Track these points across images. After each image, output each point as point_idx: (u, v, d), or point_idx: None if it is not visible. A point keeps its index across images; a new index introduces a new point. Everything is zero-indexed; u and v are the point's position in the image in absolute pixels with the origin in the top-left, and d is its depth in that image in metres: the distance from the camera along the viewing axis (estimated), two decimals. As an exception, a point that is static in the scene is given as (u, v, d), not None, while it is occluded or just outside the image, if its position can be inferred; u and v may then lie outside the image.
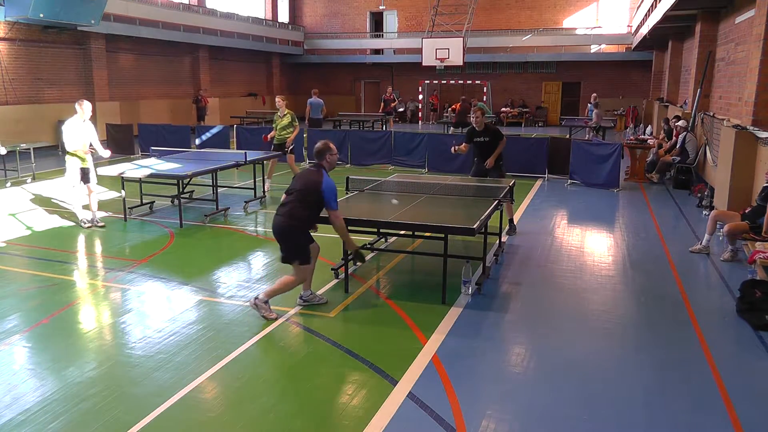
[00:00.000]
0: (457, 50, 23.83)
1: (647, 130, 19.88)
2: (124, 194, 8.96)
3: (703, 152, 11.54)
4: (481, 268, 6.39)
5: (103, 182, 11.56)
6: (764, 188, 6.94)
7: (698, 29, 13.85)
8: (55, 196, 10.77)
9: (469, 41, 25.33)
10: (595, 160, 11.93)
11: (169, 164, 9.50)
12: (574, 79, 28.74)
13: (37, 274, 6.57)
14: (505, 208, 7.81)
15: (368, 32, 31.78)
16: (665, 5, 13.73)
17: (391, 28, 31.73)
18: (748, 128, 8.48)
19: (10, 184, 11.94)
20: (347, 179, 7.10)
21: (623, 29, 27.32)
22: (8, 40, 16.78)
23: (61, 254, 7.36)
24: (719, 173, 9.47)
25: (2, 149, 11.75)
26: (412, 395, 4.03)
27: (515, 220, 9.08)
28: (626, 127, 22.14)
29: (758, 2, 8.55)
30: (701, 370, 4.48)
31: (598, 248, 7.78)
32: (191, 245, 7.84)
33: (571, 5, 28.74)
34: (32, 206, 9.95)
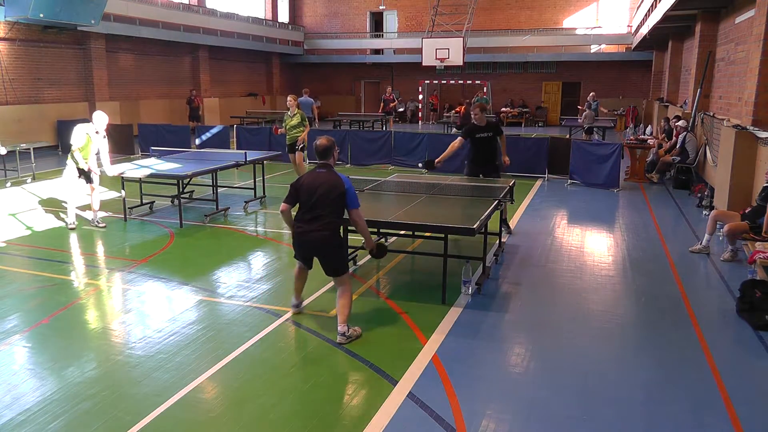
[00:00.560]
0: (457, 50, 23.83)
1: (647, 130, 19.87)
2: (124, 194, 8.96)
3: (703, 152, 11.54)
4: (481, 268, 6.40)
5: (103, 182, 11.54)
6: (764, 188, 6.94)
7: (698, 29, 13.85)
8: (55, 196, 10.76)
9: (469, 41, 25.33)
10: (595, 160, 11.93)
11: (169, 164, 9.50)
12: (574, 79, 28.74)
13: (37, 274, 6.57)
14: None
15: (368, 32, 31.78)
16: (665, 5, 13.73)
17: (391, 28, 31.73)
18: (748, 128, 8.48)
19: (10, 184, 11.94)
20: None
21: (623, 29, 27.33)
22: (8, 40, 16.78)
23: (61, 254, 7.36)
24: (719, 173, 9.47)
25: (2, 149, 11.75)
26: (412, 395, 4.03)
27: (515, 220, 9.10)
28: (626, 127, 22.13)
29: (758, 2, 8.55)
30: (701, 370, 4.48)
31: (598, 248, 7.78)
32: (191, 245, 7.84)
33: (571, 5, 28.74)
34: (32, 206, 9.95)
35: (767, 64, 8.35)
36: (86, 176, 8.34)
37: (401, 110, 29.17)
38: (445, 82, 28.21)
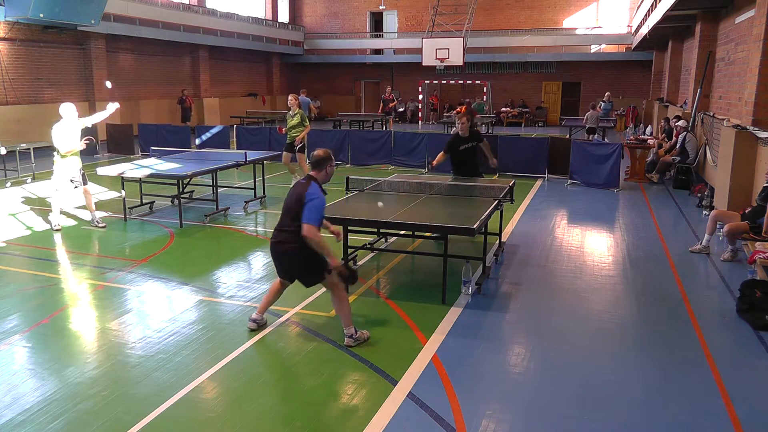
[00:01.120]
0: (457, 50, 23.84)
1: (647, 130, 19.86)
2: (124, 194, 8.96)
3: (703, 152, 11.54)
4: (481, 268, 6.39)
5: (103, 182, 11.59)
6: (764, 188, 6.94)
7: (698, 29, 13.86)
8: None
9: (469, 41, 25.34)
10: (595, 160, 11.93)
11: (169, 164, 9.50)
12: (574, 79, 28.76)
13: (37, 274, 6.57)
14: None
15: (368, 32, 31.79)
16: (665, 5, 13.73)
17: (391, 28, 31.74)
18: (748, 128, 8.48)
19: (10, 184, 11.94)
20: (347, 179, 7.10)
21: (623, 29, 27.33)
22: (8, 40, 16.79)
23: (61, 254, 7.36)
24: (719, 173, 9.47)
25: (2, 149, 11.75)
26: (412, 395, 4.03)
27: (515, 220, 9.10)
28: (626, 127, 22.13)
29: (758, 2, 8.55)
30: (701, 370, 4.48)
31: (598, 248, 7.78)
32: (191, 245, 7.84)
33: (571, 5, 28.75)
34: (32, 206, 9.95)
35: (767, 64, 8.35)
36: (84, 179, 8.28)
37: (401, 110, 29.18)
38: (445, 82, 28.23)
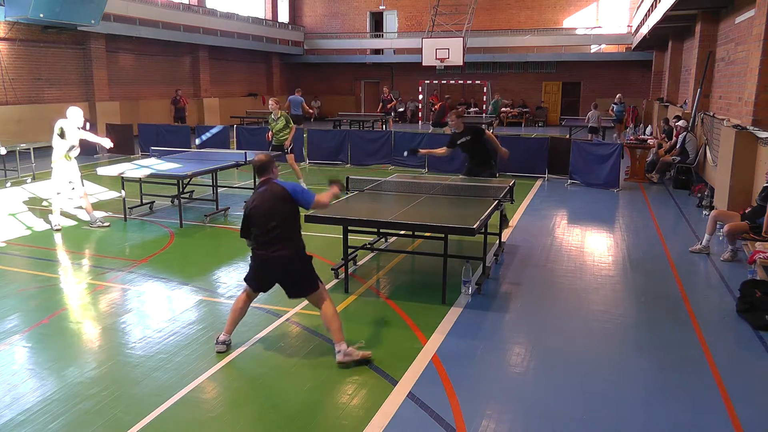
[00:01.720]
0: (457, 50, 23.82)
1: (647, 130, 19.86)
2: (124, 194, 8.96)
3: (703, 152, 11.54)
4: (481, 268, 6.39)
5: (103, 182, 11.60)
6: (764, 188, 6.94)
7: (698, 29, 13.85)
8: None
9: (469, 41, 25.33)
10: (595, 160, 11.93)
11: (169, 164, 9.50)
12: (574, 79, 28.75)
13: (37, 274, 6.57)
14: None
15: (368, 32, 31.78)
16: (665, 5, 13.73)
17: (391, 28, 31.74)
18: (748, 128, 8.48)
19: (10, 184, 11.94)
20: (347, 179, 7.10)
21: (623, 29, 27.33)
22: (8, 40, 16.78)
23: (61, 254, 7.36)
24: (719, 173, 9.47)
25: (2, 149, 11.75)
26: (412, 395, 4.03)
27: (515, 220, 9.10)
28: (626, 127, 22.15)
29: (758, 2, 8.55)
30: (701, 370, 4.48)
31: (598, 248, 7.78)
32: (191, 245, 7.84)
33: (571, 5, 28.75)
34: (32, 206, 9.95)
35: (767, 64, 8.35)
36: (81, 180, 8.28)
37: (401, 110, 29.17)
38: (445, 82, 28.21)
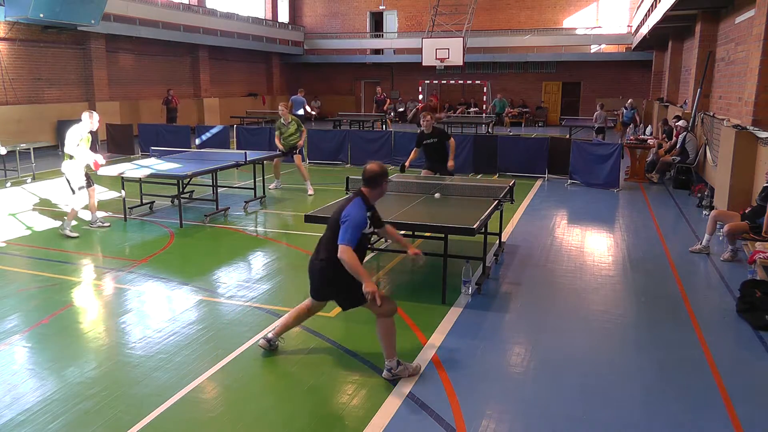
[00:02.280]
0: (457, 50, 23.81)
1: (647, 130, 19.86)
2: (124, 194, 8.96)
3: (703, 152, 11.54)
4: (481, 268, 6.39)
5: (103, 182, 11.59)
6: (764, 188, 6.94)
7: (698, 29, 13.85)
8: (55, 196, 10.76)
9: (469, 41, 25.32)
10: (595, 160, 11.93)
11: (169, 164, 9.50)
12: (574, 79, 28.74)
13: (37, 274, 6.57)
14: None
15: (368, 32, 31.77)
16: (665, 5, 13.73)
17: (391, 28, 31.73)
18: (748, 128, 8.48)
19: (10, 184, 11.94)
20: (347, 179, 7.10)
21: (623, 29, 27.32)
22: (8, 40, 16.77)
23: (61, 254, 7.36)
24: (719, 173, 9.47)
25: (2, 149, 11.75)
26: (412, 395, 4.03)
27: (515, 220, 9.10)
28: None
29: (758, 2, 8.55)
30: (701, 370, 4.48)
31: (598, 248, 7.78)
32: (191, 245, 7.84)
33: (571, 5, 28.74)
34: (32, 206, 9.95)
35: (767, 64, 8.35)
36: (90, 180, 8.26)
37: (401, 110, 29.16)
38: (445, 82, 28.19)
